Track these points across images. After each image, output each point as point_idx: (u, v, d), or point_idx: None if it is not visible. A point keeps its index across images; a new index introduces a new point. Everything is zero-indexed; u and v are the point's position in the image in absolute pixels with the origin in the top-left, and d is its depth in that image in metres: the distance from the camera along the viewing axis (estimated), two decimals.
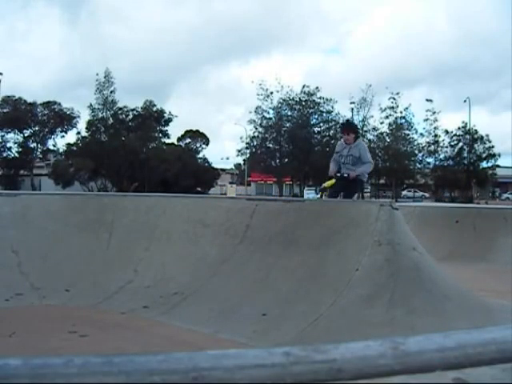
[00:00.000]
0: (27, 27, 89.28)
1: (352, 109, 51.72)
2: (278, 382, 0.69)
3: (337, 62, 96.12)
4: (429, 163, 53.35)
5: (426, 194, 58.01)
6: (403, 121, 52.11)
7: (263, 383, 0.69)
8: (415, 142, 52.77)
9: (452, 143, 51.67)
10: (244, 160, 60.91)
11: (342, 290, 4.84)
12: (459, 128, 51.52)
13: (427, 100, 55.59)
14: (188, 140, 57.53)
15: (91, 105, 50.95)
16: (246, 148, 56.21)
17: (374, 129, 53.11)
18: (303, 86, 53.66)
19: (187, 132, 57.72)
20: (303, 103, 53.72)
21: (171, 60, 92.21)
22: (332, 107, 54.09)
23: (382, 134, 53.07)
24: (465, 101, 52.63)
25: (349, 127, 8.03)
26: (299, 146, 51.72)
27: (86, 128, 51.48)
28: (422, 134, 52.47)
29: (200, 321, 5.07)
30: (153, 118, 52.31)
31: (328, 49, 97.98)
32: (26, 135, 51.31)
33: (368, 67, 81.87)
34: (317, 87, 53.46)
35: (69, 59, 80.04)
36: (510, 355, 0.78)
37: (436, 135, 51.82)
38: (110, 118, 51.57)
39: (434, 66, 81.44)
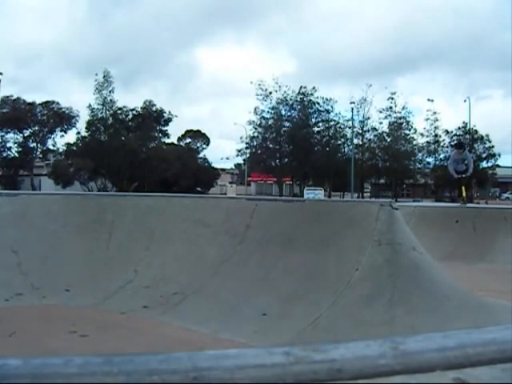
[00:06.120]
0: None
1: (352, 109, 51.77)
2: (278, 382, 0.69)
3: (335, 42, 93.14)
4: (429, 163, 53.41)
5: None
6: (402, 120, 52.16)
7: (263, 383, 0.69)
8: (414, 142, 52.84)
9: (452, 143, 51.69)
10: (244, 160, 60.92)
11: (341, 290, 4.84)
12: (459, 128, 51.59)
13: (428, 100, 55.72)
14: (188, 140, 57.55)
15: (90, 105, 51.04)
16: (246, 148, 56.25)
17: (374, 129, 53.17)
18: (300, 87, 53.81)
19: (187, 132, 57.74)
20: (303, 103, 53.80)
21: (168, 57, 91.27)
22: (332, 107, 54.22)
23: (381, 134, 53.12)
24: (465, 100, 52.69)
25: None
26: (299, 145, 51.75)
27: (86, 128, 51.51)
28: (422, 134, 52.52)
29: (200, 321, 5.07)
30: (152, 118, 52.30)
31: (325, 29, 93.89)
32: (25, 135, 51.30)
33: (368, 51, 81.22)
34: (313, 87, 53.68)
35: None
36: (510, 355, 0.78)
37: (436, 135, 51.88)
38: (110, 118, 51.58)
39: (438, 54, 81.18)
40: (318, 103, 53.94)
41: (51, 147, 53.12)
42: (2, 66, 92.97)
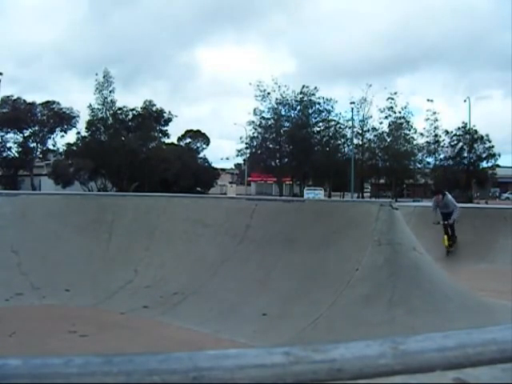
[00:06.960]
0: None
1: (352, 109, 51.77)
2: (278, 382, 0.69)
3: (335, 42, 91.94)
4: (429, 163, 53.41)
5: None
6: (402, 121, 52.18)
7: (263, 383, 0.69)
8: (414, 142, 52.87)
9: (452, 143, 51.71)
10: (244, 160, 60.92)
11: (341, 289, 4.85)
12: (459, 128, 51.58)
13: (428, 100, 55.75)
14: (188, 140, 57.53)
15: (91, 105, 51.05)
16: (246, 148, 56.25)
17: (374, 129, 53.20)
18: (303, 86, 53.86)
19: (187, 132, 57.72)
20: (304, 102, 53.81)
21: (166, 55, 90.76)
22: (332, 107, 54.24)
23: (381, 134, 53.13)
24: (465, 101, 52.70)
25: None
26: (299, 145, 51.76)
27: (86, 128, 51.49)
28: (421, 134, 52.52)
29: (200, 321, 5.07)
30: (152, 118, 52.29)
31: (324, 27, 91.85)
32: (25, 135, 51.26)
33: (368, 51, 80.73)
34: (315, 87, 53.73)
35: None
36: (510, 355, 0.78)
37: (436, 135, 51.88)
38: (110, 118, 51.57)
39: (438, 54, 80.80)
40: (319, 103, 54.01)
41: (51, 147, 53.11)
42: (2, 66, 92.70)
